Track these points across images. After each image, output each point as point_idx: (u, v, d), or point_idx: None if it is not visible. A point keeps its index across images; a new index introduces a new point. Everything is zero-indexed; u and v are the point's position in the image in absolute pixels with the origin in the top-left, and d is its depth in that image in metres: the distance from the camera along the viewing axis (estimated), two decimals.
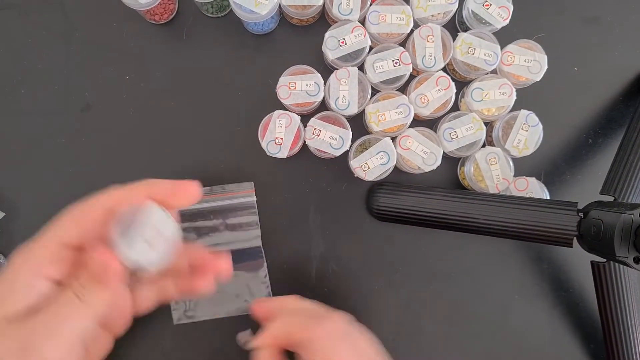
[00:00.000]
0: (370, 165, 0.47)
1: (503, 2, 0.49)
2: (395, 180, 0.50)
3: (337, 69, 0.48)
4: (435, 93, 0.48)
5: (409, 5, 0.49)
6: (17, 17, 0.51)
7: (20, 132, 0.50)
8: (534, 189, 0.48)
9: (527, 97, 0.50)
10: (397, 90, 0.49)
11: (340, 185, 0.51)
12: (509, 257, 0.51)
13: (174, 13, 0.51)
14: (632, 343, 0.45)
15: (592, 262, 0.44)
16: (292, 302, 0.38)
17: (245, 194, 0.49)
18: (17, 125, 0.50)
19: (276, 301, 0.39)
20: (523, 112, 0.48)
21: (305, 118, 0.48)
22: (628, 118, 0.50)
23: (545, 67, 0.48)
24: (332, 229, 0.50)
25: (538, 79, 0.48)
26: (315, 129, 0.47)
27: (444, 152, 0.48)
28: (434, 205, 0.46)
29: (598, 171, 0.51)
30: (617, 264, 0.43)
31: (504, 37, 0.49)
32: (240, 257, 0.49)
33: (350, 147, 0.48)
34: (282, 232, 0.50)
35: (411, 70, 0.48)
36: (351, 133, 0.47)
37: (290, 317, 0.36)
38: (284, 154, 0.47)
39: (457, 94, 0.48)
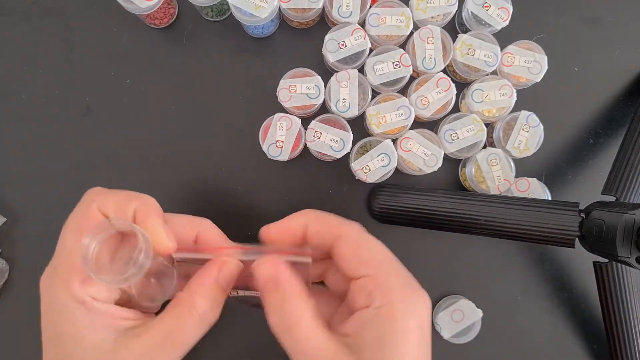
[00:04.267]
0: (372, 168, 0.47)
1: (502, 3, 0.49)
2: (396, 182, 0.50)
3: (337, 72, 0.48)
4: (435, 95, 0.48)
5: (408, 7, 0.49)
6: (18, 23, 0.51)
7: (22, 137, 0.51)
8: (536, 189, 0.48)
9: (527, 98, 0.50)
10: (397, 92, 0.49)
11: (342, 187, 0.51)
12: (511, 258, 0.51)
13: (174, 17, 0.52)
14: (635, 343, 0.45)
15: (594, 263, 0.44)
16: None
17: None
18: (18, 130, 0.51)
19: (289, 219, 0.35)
20: (524, 113, 0.48)
21: (305, 121, 0.48)
22: (629, 118, 0.50)
23: (546, 67, 0.48)
24: None
25: (538, 80, 0.48)
26: (316, 131, 0.47)
27: (444, 154, 0.48)
28: (435, 206, 0.46)
29: (599, 171, 0.51)
30: (619, 265, 0.43)
31: (504, 38, 0.49)
32: None
33: (351, 150, 0.48)
34: None
35: (411, 72, 0.48)
36: (352, 135, 0.47)
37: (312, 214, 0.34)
38: (285, 157, 0.47)
39: (457, 96, 0.48)
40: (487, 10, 0.49)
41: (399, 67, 0.47)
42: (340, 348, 0.28)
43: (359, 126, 0.51)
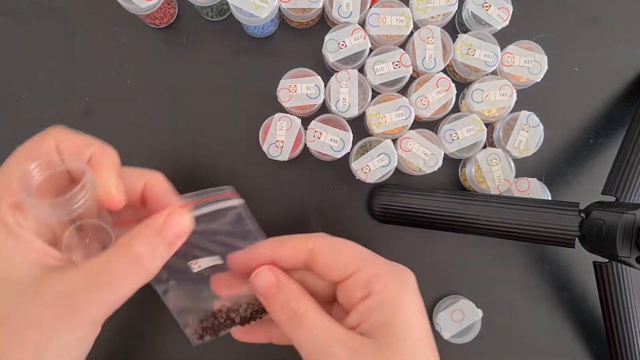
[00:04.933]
0: (372, 168, 0.47)
1: (502, 3, 0.49)
2: (396, 182, 0.50)
3: (338, 72, 0.48)
4: (435, 95, 0.48)
5: (408, 7, 0.49)
6: (18, 23, 0.51)
7: (22, 137, 0.50)
8: (535, 189, 0.48)
9: (527, 98, 0.50)
10: (397, 92, 0.49)
11: (342, 187, 0.51)
12: (511, 258, 0.51)
13: (174, 17, 0.52)
14: (635, 343, 0.45)
15: (594, 263, 0.44)
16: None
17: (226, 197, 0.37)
18: (18, 131, 0.50)
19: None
20: (524, 113, 0.48)
21: (305, 121, 0.48)
22: (629, 118, 0.50)
23: (546, 67, 0.48)
24: (333, 231, 0.50)
25: (538, 80, 0.48)
26: (316, 131, 0.47)
27: (445, 154, 0.48)
28: (435, 206, 0.46)
29: (599, 171, 0.51)
30: (619, 264, 0.43)
31: (504, 38, 0.49)
32: None
33: (351, 150, 0.48)
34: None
35: (411, 72, 0.48)
36: (352, 135, 0.47)
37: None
38: (285, 157, 0.47)
39: (457, 96, 0.48)
40: (487, 10, 0.49)
41: (399, 67, 0.47)
42: (351, 333, 0.29)
43: (359, 126, 0.51)
